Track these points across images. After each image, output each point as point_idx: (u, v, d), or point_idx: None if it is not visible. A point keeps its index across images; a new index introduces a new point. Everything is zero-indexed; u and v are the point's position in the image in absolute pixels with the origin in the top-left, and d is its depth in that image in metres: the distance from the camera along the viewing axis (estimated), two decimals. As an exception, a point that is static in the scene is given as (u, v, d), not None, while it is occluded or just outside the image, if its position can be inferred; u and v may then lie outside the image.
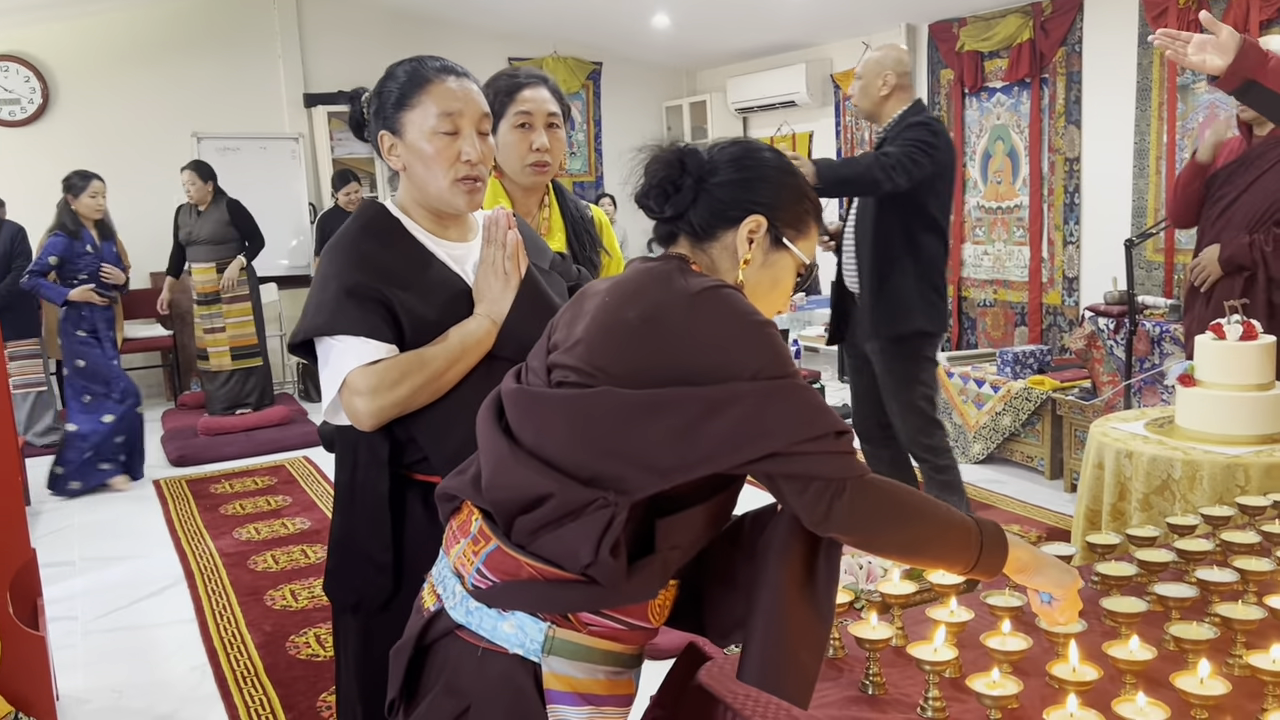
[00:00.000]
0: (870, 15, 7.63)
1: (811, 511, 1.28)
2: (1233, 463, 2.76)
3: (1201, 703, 1.23)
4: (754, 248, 1.41)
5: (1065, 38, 6.66)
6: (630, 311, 1.33)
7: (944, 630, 1.41)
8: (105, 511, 5.39)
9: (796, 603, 1.34)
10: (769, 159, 1.45)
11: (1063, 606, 1.41)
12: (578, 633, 1.35)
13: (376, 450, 1.75)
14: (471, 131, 1.75)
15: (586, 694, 1.35)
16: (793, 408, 1.27)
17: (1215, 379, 2.95)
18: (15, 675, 2.52)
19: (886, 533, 1.31)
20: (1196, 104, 5.93)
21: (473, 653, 1.37)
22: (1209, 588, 1.57)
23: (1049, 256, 7.01)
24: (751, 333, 1.30)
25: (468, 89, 1.77)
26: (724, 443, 1.25)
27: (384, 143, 1.78)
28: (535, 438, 1.34)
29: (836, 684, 1.48)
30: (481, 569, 1.36)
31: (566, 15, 8.40)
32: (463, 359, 1.70)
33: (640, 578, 1.31)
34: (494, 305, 1.74)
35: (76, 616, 4.00)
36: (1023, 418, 5.28)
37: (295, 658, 3.54)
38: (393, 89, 1.77)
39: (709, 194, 1.42)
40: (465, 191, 1.76)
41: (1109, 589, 1.60)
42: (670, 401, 1.26)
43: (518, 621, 1.34)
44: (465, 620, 1.38)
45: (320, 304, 1.72)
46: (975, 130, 7.43)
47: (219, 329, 6.82)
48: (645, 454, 1.27)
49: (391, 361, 1.68)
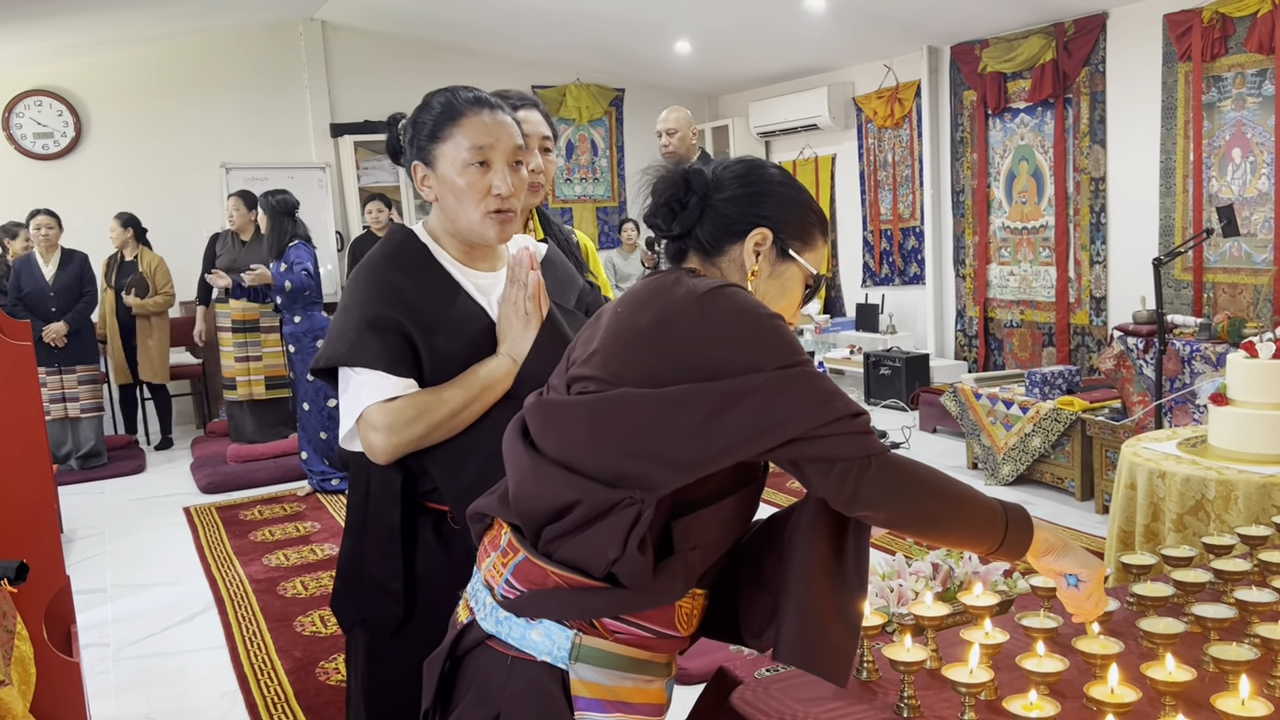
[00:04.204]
0: (892, 38, 7.65)
1: (839, 492, 1.30)
2: (1268, 482, 2.72)
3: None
4: (761, 260, 1.44)
5: (1089, 57, 6.65)
6: (642, 318, 1.37)
7: (979, 651, 1.40)
8: (137, 539, 5.43)
9: (826, 581, 1.37)
10: (773, 175, 1.48)
11: (1089, 589, 1.42)
12: (604, 639, 1.36)
13: (389, 481, 1.75)
14: (503, 165, 1.74)
15: (615, 701, 1.36)
16: (807, 394, 1.29)
17: (1248, 398, 2.92)
18: (50, 701, 2.53)
19: (913, 507, 1.33)
20: (1222, 122, 5.91)
21: (502, 661, 1.39)
22: (1248, 608, 1.55)
23: (1076, 276, 6.98)
24: (760, 326, 1.33)
25: (501, 122, 1.76)
26: (743, 433, 1.28)
27: (417, 173, 1.79)
28: (558, 445, 1.36)
29: (872, 706, 1.47)
30: (510, 579, 1.38)
31: (589, 43, 8.47)
32: (481, 398, 1.70)
33: (663, 578, 1.33)
34: (515, 345, 1.74)
35: (109, 643, 4.02)
36: (1052, 439, 5.25)
37: (325, 684, 3.54)
38: (426, 120, 1.76)
39: (715, 210, 1.45)
40: (496, 224, 1.75)
41: (1145, 610, 1.58)
42: (688, 398, 1.29)
43: (545, 629, 1.36)
44: (495, 630, 1.40)
45: (342, 333, 1.72)
46: (999, 151, 7.42)
47: (255, 357, 6.80)
48: (667, 450, 1.29)
49: (409, 399, 1.67)
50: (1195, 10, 5.94)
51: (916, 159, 8.04)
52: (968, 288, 7.85)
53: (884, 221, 8.46)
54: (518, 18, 7.80)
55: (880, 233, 8.52)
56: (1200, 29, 5.90)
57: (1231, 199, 5.82)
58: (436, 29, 8.37)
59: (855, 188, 8.70)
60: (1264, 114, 5.70)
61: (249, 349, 6.78)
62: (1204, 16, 5.87)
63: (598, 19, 7.72)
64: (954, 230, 7.90)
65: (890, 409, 7.33)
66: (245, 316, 6.70)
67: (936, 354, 7.94)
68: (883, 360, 7.52)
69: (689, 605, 1.41)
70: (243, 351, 6.79)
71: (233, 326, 6.73)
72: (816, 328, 8.21)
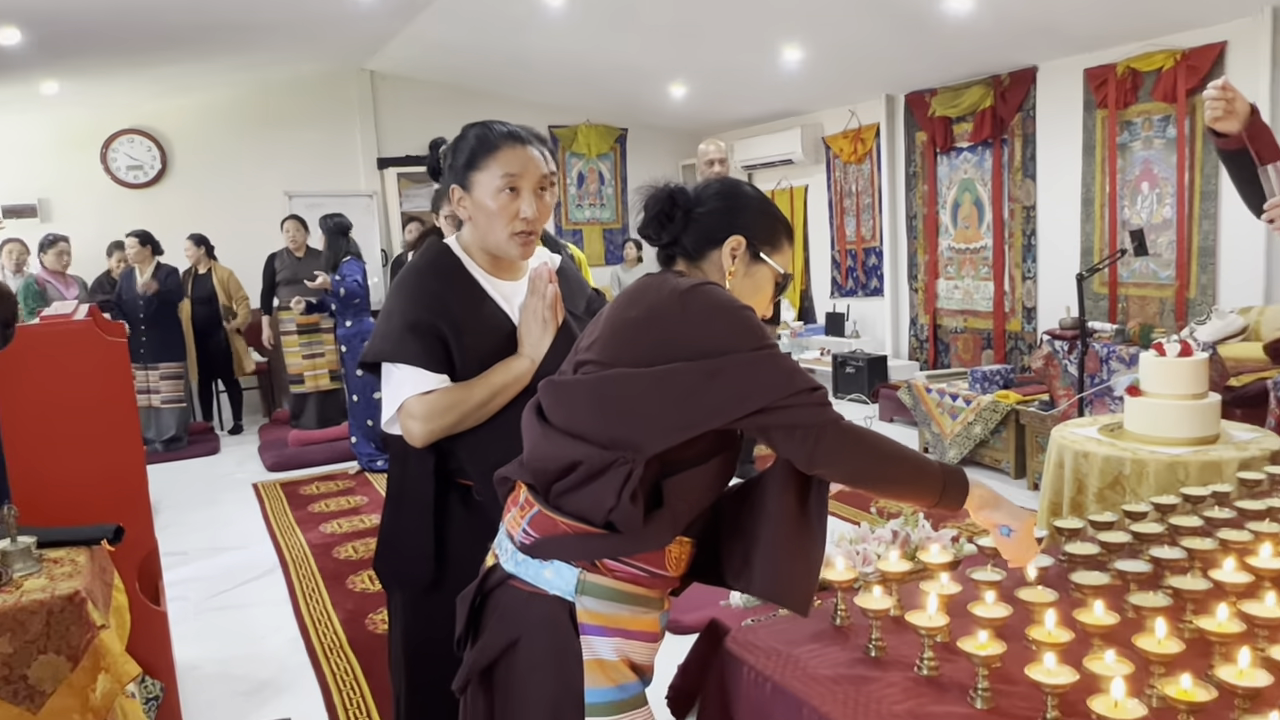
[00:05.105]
0: (856, 87, 7.66)
1: (800, 453, 1.33)
2: (1174, 461, 2.74)
3: (1160, 659, 1.22)
4: (736, 262, 1.47)
5: (1022, 104, 6.66)
6: (634, 311, 1.40)
7: (936, 600, 1.40)
8: (213, 510, 5.43)
9: (792, 529, 1.40)
10: (747, 191, 1.52)
11: (1019, 538, 1.44)
12: (605, 577, 1.39)
13: (424, 460, 1.74)
14: (530, 192, 1.73)
15: (614, 628, 1.39)
16: (773, 371, 1.32)
17: (1158, 390, 2.93)
18: (142, 645, 2.54)
19: (863, 467, 1.35)
20: (1133, 160, 5.92)
21: (521, 596, 1.42)
22: (1161, 564, 1.55)
23: (1010, 290, 6.99)
24: (733, 316, 1.36)
25: (531, 155, 1.73)
26: (719, 403, 1.31)
27: (454, 195, 1.77)
28: (565, 417, 1.39)
29: (844, 648, 1.47)
30: (527, 529, 1.41)
31: (597, 88, 8.47)
32: (504, 392, 1.69)
33: (654, 527, 1.36)
34: (534, 347, 1.73)
35: (189, 598, 4.02)
36: (991, 426, 5.25)
37: (373, 632, 3.54)
38: (464, 150, 1.75)
39: (697, 221, 1.48)
40: (520, 244, 1.75)
41: (1075, 566, 1.59)
42: (673, 374, 1.32)
43: (556, 569, 1.39)
44: (515, 570, 1.43)
45: (386, 333, 1.72)
46: (946, 183, 7.43)
47: (318, 354, 6.76)
48: (656, 417, 1.32)
49: (443, 392, 1.67)
50: (1110, 65, 5.95)
51: (876, 190, 8.04)
52: (919, 299, 7.85)
53: (849, 242, 8.47)
54: (537, 68, 7.80)
55: (846, 252, 8.52)
56: (1115, 81, 5.92)
57: (1141, 225, 5.83)
58: (468, 77, 8.38)
59: (824, 214, 8.70)
60: (1168, 153, 5.71)
61: (313, 348, 6.75)
62: (1118, 70, 5.88)
63: (605, 69, 7.73)
64: (908, 250, 7.90)
65: (854, 402, 7.33)
66: (307, 321, 6.68)
67: (893, 355, 7.94)
68: (848, 361, 7.52)
69: (677, 550, 1.43)
70: (308, 350, 6.75)
71: (298, 329, 6.71)
72: (792, 332, 8.20)
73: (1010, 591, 1.47)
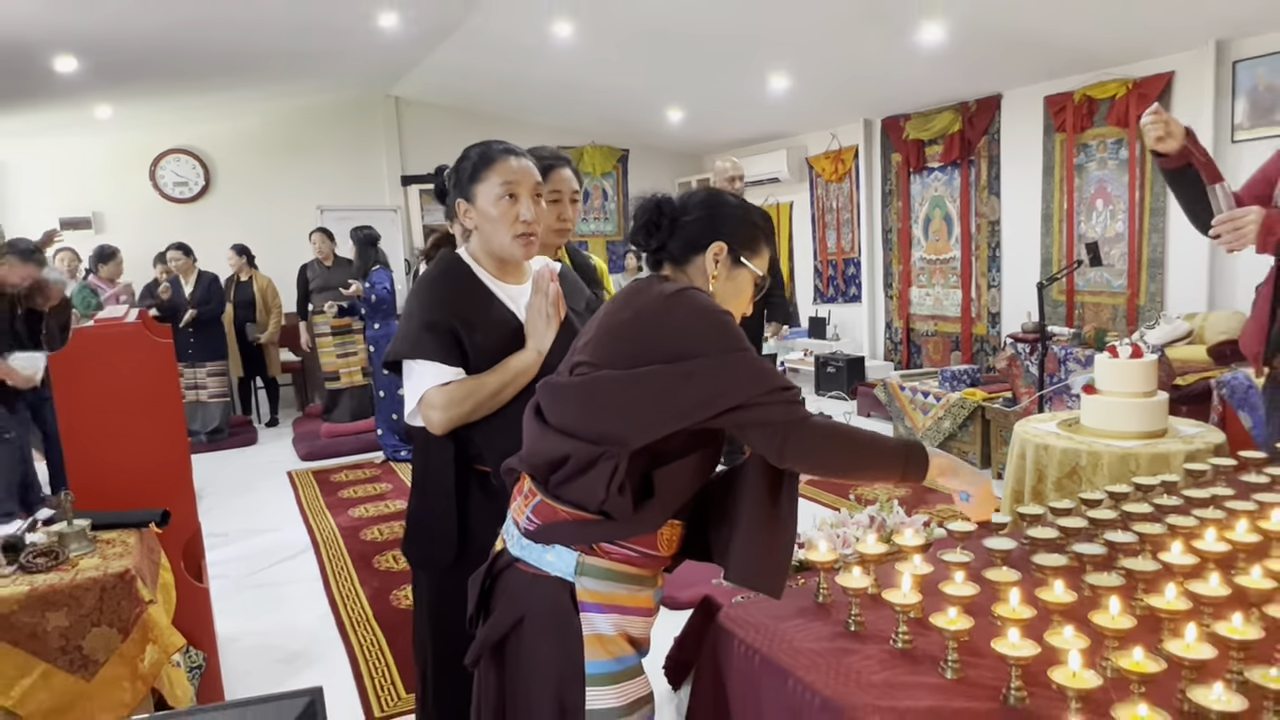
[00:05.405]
0: (836, 111, 7.66)
1: (770, 449, 1.33)
2: (1126, 453, 2.73)
3: (1114, 634, 1.21)
4: (719, 266, 1.46)
5: (988, 128, 6.66)
6: (624, 314, 1.40)
7: (910, 579, 1.40)
8: (251, 496, 5.43)
9: (764, 520, 1.39)
10: (729, 200, 1.50)
11: (978, 501, 1.45)
12: (602, 559, 1.38)
13: (445, 448, 1.74)
14: (527, 198, 1.74)
15: (611, 605, 1.39)
16: (747, 372, 1.32)
17: (1112, 388, 2.93)
18: (187, 618, 2.54)
19: (830, 460, 1.34)
20: (1089, 179, 5.92)
21: (526, 577, 1.41)
22: (1115, 547, 1.55)
23: (976, 297, 6.98)
24: (712, 320, 1.35)
25: (525, 165, 1.76)
26: (697, 401, 1.31)
27: (460, 208, 1.78)
28: (559, 416, 1.39)
29: (826, 623, 1.47)
30: (530, 516, 1.41)
31: (601, 112, 8.47)
32: (514, 383, 1.70)
33: (645, 513, 1.36)
34: (540, 340, 1.74)
35: (229, 576, 4.02)
36: (959, 421, 5.25)
37: (397, 608, 3.54)
38: (466, 167, 1.76)
39: (682, 229, 1.47)
40: (523, 245, 1.76)
41: (1036, 549, 1.58)
42: (653, 375, 1.32)
43: (557, 552, 1.39)
44: (520, 554, 1.42)
45: (406, 334, 1.72)
46: (919, 200, 7.43)
47: (352, 353, 6.73)
48: (639, 414, 1.31)
49: (459, 384, 1.68)
50: (1068, 93, 5.95)
51: (855, 205, 8.04)
52: (894, 305, 7.84)
53: (830, 253, 8.46)
54: (547, 94, 7.80)
55: (827, 262, 8.52)
56: (1072, 107, 5.92)
57: (1096, 238, 5.83)
58: (483, 102, 8.38)
59: (808, 228, 8.69)
60: (1120, 173, 5.71)
61: (346, 348, 6.73)
62: (1075, 98, 5.88)
63: (608, 94, 7.72)
64: (884, 260, 7.90)
65: (835, 399, 7.32)
66: (340, 323, 6.67)
67: (870, 356, 7.93)
68: (829, 361, 7.52)
69: (668, 532, 1.43)
70: (342, 350, 6.73)
71: (332, 331, 6.69)
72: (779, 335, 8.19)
73: (978, 572, 1.47)
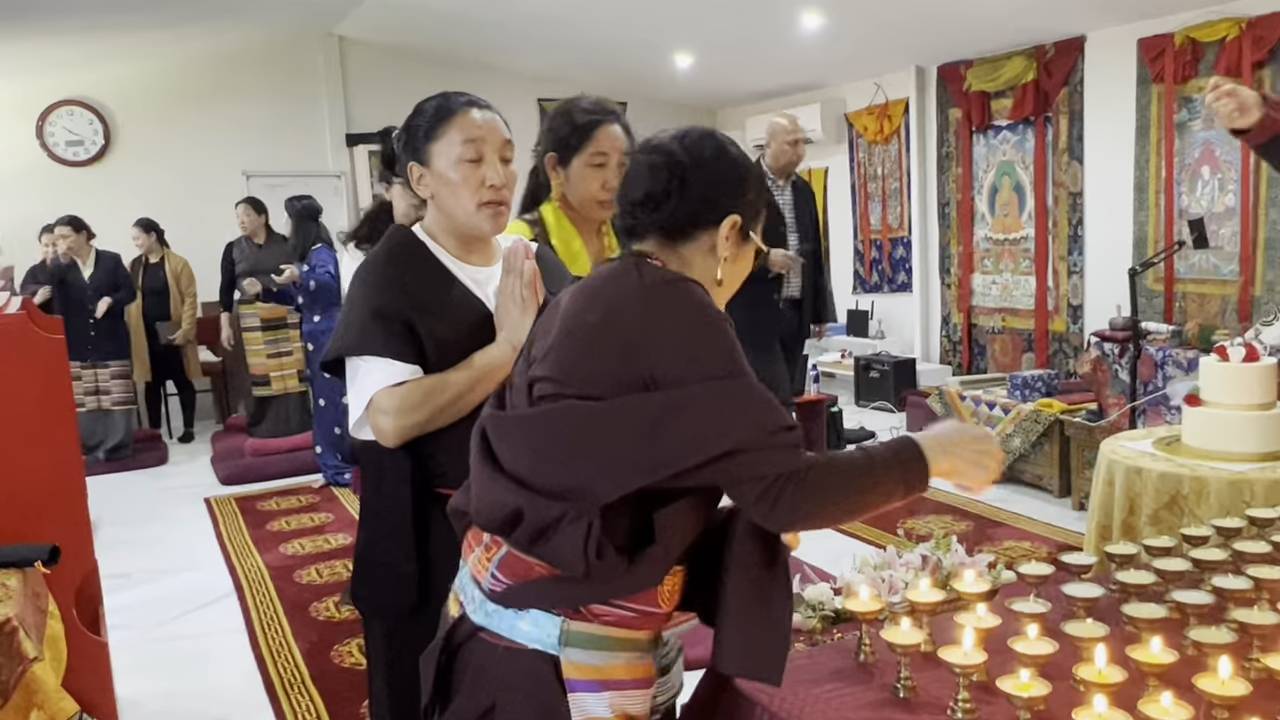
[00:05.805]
0: (882, 58, 7.66)
1: (759, 506, 1.29)
2: (1238, 479, 2.73)
3: (1224, 702, 1.21)
4: (730, 245, 1.41)
5: (1068, 78, 6.67)
6: (591, 315, 1.34)
7: (972, 634, 1.39)
8: (160, 527, 5.42)
9: (759, 595, 1.36)
10: (740, 154, 1.44)
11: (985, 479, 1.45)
12: (591, 623, 1.34)
13: (400, 466, 1.73)
14: (494, 158, 1.75)
15: (606, 680, 1.34)
16: (746, 407, 1.27)
17: (1220, 399, 2.92)
18: (80, 677, 2.52)
19: (828, 510, 1.32)
20: (1192, 141, 5.92)
21: (495, 652, 1.37)
22: (1225, 594, 1.55)
23: (1054, 285, 6.99)
24: (705, 331, 1.30)
25: (490, 119, 1.76)
26: (684, 445, 1.25)
27: (413, 173, 1.77)
28: (511, 458, 1.34)
29: (869, 687, 1.47)
30: (495, 573, 1.37)
31: (593, 58, 8.46)
32: (483, 383, 1.69)
33: (644, 567, 1.31)
34: (514, 332, 1.73)
35: (133, 626, 4.00)
36: (1032, 439, 5.25)
37: (340, 666, 3.53)
38: (420, 123, 1.76)
39: (691, 189, 1.38)
40: (490, 215, 1.75)
41: (1128, 596, 1.58)
42: (630, 408, 1.27)
43: (533, 618, 1.34)
44: (486, 622, 1.38)
45: (349, 325, 1.72)
46: (982, 166, 7.43)
47: (286, 353, 6.70)
48: (611, 460, 1.27)
49: (415, 384, 1.67)
50: (1168, 35, 5.95)
51: (905, 173, 8.05)
52: (952, 295, 7.85)
53: (874, 232, 8.47)
54: (525, 34, 7.80)
55: (870, 242, 8.53)
56: (1173, 53, 5.92)
57: (1201, 213, 5.83)
58: (448, 44, 8.37)
59: (846, 200, 8.70)
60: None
61: (279, 345, 6.68)
62: (1176, 41, 5.88)
63: (601, 35, 7.73)
64: (940, 241, 7.91)
65: (879, 410, 7.33)
66: (272, 315, 6.60)
67: (923, 358, 7.94)
68: (872, 364, 7.53)
69: (670, 582, 1.39)
70: (274, 348, 6.68)
71: (261, 325, 6.62)
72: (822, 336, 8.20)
73: (1055, 625, 1.47)
